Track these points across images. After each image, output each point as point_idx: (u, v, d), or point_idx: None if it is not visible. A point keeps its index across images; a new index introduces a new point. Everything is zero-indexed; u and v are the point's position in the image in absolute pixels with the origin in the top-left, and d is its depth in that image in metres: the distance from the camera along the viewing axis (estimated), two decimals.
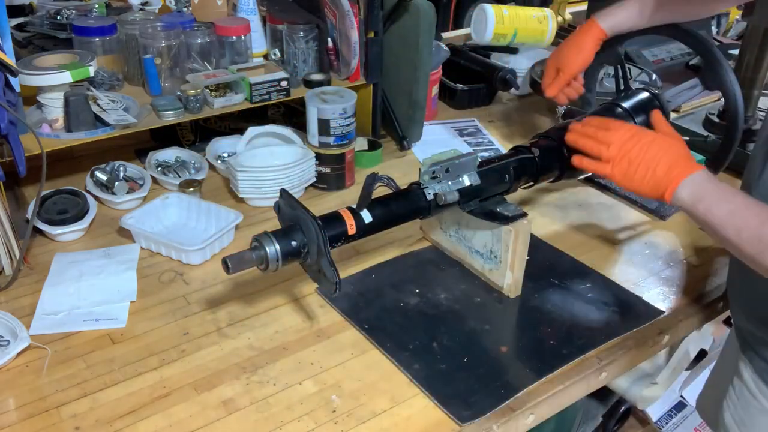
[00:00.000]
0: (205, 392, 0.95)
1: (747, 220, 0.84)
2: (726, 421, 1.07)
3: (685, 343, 1.48)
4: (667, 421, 1.98)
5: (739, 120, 1.23)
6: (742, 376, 1.03)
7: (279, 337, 1.05)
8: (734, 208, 0.86)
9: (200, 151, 1.49)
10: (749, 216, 0.85)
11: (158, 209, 1.29)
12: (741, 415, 1.04)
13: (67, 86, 1.29)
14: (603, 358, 1.03)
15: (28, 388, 0.94)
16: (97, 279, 1.13)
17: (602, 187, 1.48)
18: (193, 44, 1.47)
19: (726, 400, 1.07)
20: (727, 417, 1.06)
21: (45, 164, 1.10)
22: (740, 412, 1.04)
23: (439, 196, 1.06)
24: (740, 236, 0.85)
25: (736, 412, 1.05)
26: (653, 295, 1.17)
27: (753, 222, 0.84)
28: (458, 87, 1.84)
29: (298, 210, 0.98)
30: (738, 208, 0.86)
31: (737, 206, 0.86)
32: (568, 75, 1.31)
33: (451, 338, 1.04)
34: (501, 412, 0.93)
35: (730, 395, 1.06)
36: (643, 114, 1.28)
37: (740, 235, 0.85)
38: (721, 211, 0.87)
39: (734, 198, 0.88)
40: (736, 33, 2.54)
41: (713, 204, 0.89)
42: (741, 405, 1.03)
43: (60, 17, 1.60)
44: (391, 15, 1.51)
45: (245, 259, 0.95)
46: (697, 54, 1.34)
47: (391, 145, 1.64)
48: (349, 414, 0.92)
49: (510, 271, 1.11)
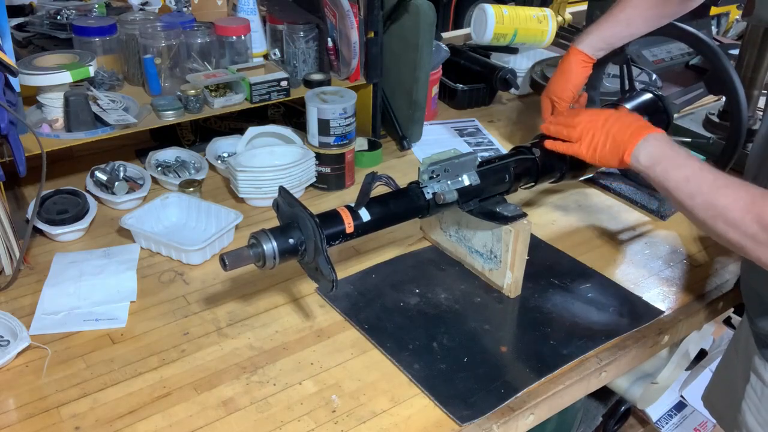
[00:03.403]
0: (205, 392, 0.95)
1: (701, 186, 0.89)
2: (749, 423, 1.06)
3: (685, 343, 1.48)
4: (667, 421, 1.98)
5: (743, 127, 1.24)
6: (763, 378, 1.02)
7: (279, 337, 1.05)
8: (690, 173, 0.91)
9: (200, 151, 1.49)
10: (703, 183, 0.89)
11: (158, 209, 1.29)
12: (765, 416, 1.03)
13: (67, 86, 1.29)
14: (603, 358, 1.03)
15: (28, 388, 0.94)
16: (97, 279, 1.13)
17: (602, 187, 1.48)
18: (193, 44, 1.47)
19: (745, 402, 1.06)
20: (750, 420, 1.06)
21: (45, 164, 1.09)
22: (764, 414, 1.03)
23: (437, 195, 1.06)
24: (693, 201, 0.90)
25: (759, 414, 1.04)
26: (653, 295, 1.17)
27: (706, 188, 0.88)
28: (458, 87, 1.84)
29: (296, 208, 0.98)
30: (693, 173, 0.91)
31: (693, 172, 0.91)
32: (563, 106, 1.32)
33: (451, 338, 1.04)
34: (501, 412, 0.93)
35: (750, 397, 1.05)
36: (646, 115, 1.27)
37: (693, 200, 0.90)
38: (678, 176, 0.92)
39: (691, 163, 0.93)
40: (736, 33, 2.54)
41: (670, 168, 0.94)
42: (764, 407, 1.03)
43: (60, 17, 1.60)
44: (391, 15, 1.51)
45: (242, 256, 0.95)
46: (704, 58, 1.34)
47: (391, 145, 1.64)
48: (349, 414, 0.92)
49: (510, 271, 1.11)
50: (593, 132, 1.07)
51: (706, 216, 0.88)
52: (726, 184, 0.87)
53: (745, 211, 0.83)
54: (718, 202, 0.86)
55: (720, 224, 0.86)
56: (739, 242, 0.85)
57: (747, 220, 0.83)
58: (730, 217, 0.85)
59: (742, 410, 1.07)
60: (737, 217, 0.84)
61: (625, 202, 1.44)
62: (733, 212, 0.84)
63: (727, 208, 0.85)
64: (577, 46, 1.29)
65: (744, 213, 0.83)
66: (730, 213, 0.85)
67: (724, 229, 0.86)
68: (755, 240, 0.83)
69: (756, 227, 0.82)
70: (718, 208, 0.86)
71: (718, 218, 0.86)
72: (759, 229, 0.82)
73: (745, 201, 0.84)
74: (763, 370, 1.02)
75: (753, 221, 0.82)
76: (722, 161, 1.29)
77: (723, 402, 1.20)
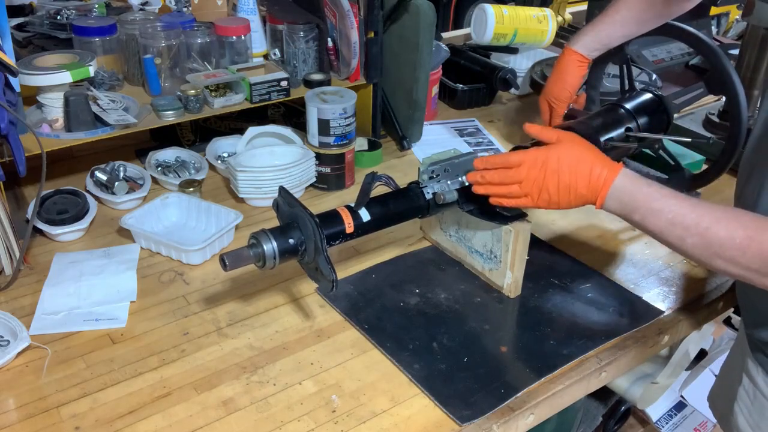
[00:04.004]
0: (205, 392, 0.95)
1: (688, 227, 0.84)
2: (740, 424, 1.06)
3: (685, 343, 1.48)
4: (667, 421, 1.98)
5: (743, 127, 1.23)
6: (755, 380, 1.02)
7: (279, 337, 1.05)
8: (671, 216, 0.85)
9: (200, 151, 1.49)
10: (689, 223, 0.84)
11: (158, 209, 1.29)
12: (756, 419, 1.03)
13: (67, 86, 1.30)
14: (603, 358, 1.03)
15: (28, 388, 0.94)
16: (97, 279, 1.13)
17: None
18: (193, 44, 1.47)
19: (737, 403, 1.06)
20: (741, 421, 1.06)
21: (45, 164, 1.09)
22: (755, 416, 1.03)
23: (437, 195, 1.06)
24: (684, 243, 0.85)
25: (750, 417, 1.04)
26: (653, 295, 1.17)
27: (694, 229, 0.83)
28: (458, 87, 1.84)
29: (296, 208, 0.98)
30: (675, 215, 0.85)
31: (674, 213, 0.85)
32: (561, 108, 1.31)
33: (451, 338, 1.04)
34: (501, 412, 0.93)
35: (742, 398, 1.06)
36: (645, 116, 1.28)
37: (684, 242, 0.85)
38: (659, 223, 0.87)
39: (666, 201, 0.87)
40: (736, 33, 2.54)
41: (647, 215, 0.88)
42: (755, 409, 1.03)
43: (60, 17, 1.60)
44: (391, 15, 1.51)
45: (242, 256, 0.95)
46: (704, 58, 1.34)
47: (391, 145, 1.64)
48: (349, 414, 0.92)
49: (510, 271, 1.11)
50: (548, 188, 0.94)
51: (702, 256, 0.84)
52: (714, 219, 0.83)
53: (744, 249, 0.80)
54: (711, 241, 0.82)
55: (719, 261, 0.83)
56: (743, 275, 0.82)
57: (748, 256, 0.80)
58: (728, 256, 0.81)
59: (734, 412, 1.07)
60: (737, 255, 0.81)
61: None
62: (731, 251, 0.81)
63: (723, 247, 0.81)
64: (571, 46, 1.29)
65: (743, 251, 0.80)
66: (727, 252, 0.81)
67: (724, 266, 0.83)
68: (760, 273, 0.80)
69: (759, 262, 0.79)
70: (713, 248, 0.82)
71: (715, 257, 0.83)
72: (762, 263, 0.79)
73: (741, 237, 0.80)
74: (755, 373, 1.02)
75: (755, 257, 0.79)
76: (722, 161, 1.29)
77: (723, 403, 1.21)
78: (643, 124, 1.28)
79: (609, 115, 1.27)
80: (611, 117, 1.25)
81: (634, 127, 1.27)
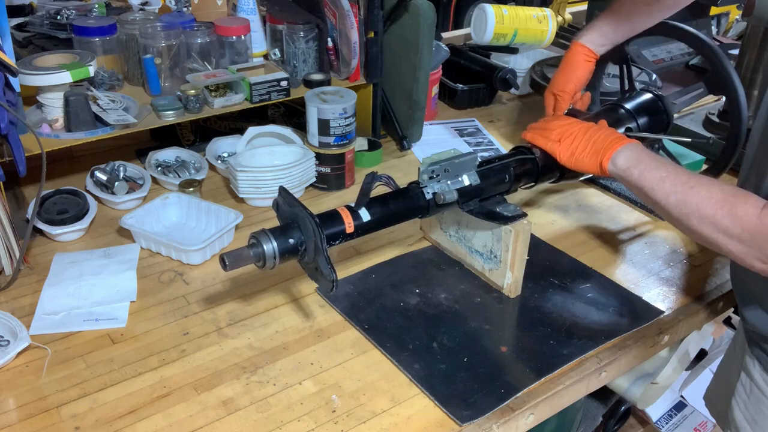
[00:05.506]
0: (205, 392, 0.95)
1: (676, 185, 0.93)
2: (737, 419, 1.06)
3: (685, 343, 1.48)
4: (667, 421, 1.98)
5: (743, 127, 1.23)
6: (751, 375, 1.03)
7: (279, 337, 1.05)
8: (666, 174, 0.95)
9: (200, 151, 1.49)
10: (678, 182, 0.93)
11: (158, 209, 1.29)
12: (752, 413, 1.03)
13: (67, 86, 1.30)
14: (603, 358, 1.03)
15: (28, 388, 0.94)
16: (97, 279, 1.13)
17: (602, 187, 1.48)
18: (193, 44, 1.47)
19: (734, 398, 1.07)
20: (738, 415, 1.06)
21: (45, 164, 1.10)
22: (751, 410, 1.04)
23: (437, 195, 1.06)
24: (668, 200, 0.94)
25: (746, 411, 1.05)
26: (653, 295, 1.17)
27: (680, 187, 0.92)
28: (458, 87, 1.84)
29: (296, 208, 0.98)
30: (669, 174, 0.95)
31: (668, 173, 0.95)
32: (566, 100, 1.31)
33: (451, 338, 1.04)
34: (501, 412, 0.93)
35: (739, 393, 1.06)
36: (646, 116, 1.28)
37: (668, 198, 0.93)
38: (654, 177, 0.97)
39: (666, 166, 0.97)
40: (736, 33, 2.54)
41: (646, 170, 0.98)
42: (752, 403, 1.03)
43: (60, 17, 1.60)
44: (391, 15, 1.51)
45: (242, 256, 0.95)
46: (704, 58, 1.34)
47: (391, 145, 1.64)
48: (349, 414, 0.92)
49: (510, 271, 1.11)
50: (574, 136, 1.11)
51: (680, 213, 0.92)
52: (700, 182, 0.91)
53: (717, 207, 0.87)
54: (691, 199, 0.90)
55: (693, 220, 0.90)
56: (712, 237, 0.88)
57: (719, 215, 0.86)
58: (703, 213, 0.88)
59: (731, 406, 1.08)
60: (710, 213, 0.87)
61: (625, 202, 1.44)
62: (706, 208, 0.88)
63: (700, 205, 0.89)
64: (578, 40, 1.29)
65: (716, 209, 0.87)
66: (703, 209, 0.88)
67: (698, 225, 0.89)
68: (727, 234, 0.86)
69: (728, 222, 0.85)
70: (691, 205, 0.90)
71: (692, 215, 0.90)
72: (731, 223, 0.85)
73: (717, 198, 0.87)
74: (752, 367, 1.03)
75: (725, 216, 0.86)
76: (722, 161, 1.29)
77: (720, 401, 1.21)
78: (643, 124, 1.28)
79: (609, 115, 1.27)
80: (611, 117, 1.26)
81: (634, 127, 1.27)
